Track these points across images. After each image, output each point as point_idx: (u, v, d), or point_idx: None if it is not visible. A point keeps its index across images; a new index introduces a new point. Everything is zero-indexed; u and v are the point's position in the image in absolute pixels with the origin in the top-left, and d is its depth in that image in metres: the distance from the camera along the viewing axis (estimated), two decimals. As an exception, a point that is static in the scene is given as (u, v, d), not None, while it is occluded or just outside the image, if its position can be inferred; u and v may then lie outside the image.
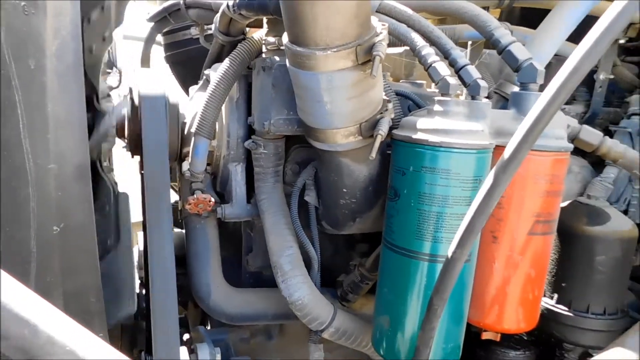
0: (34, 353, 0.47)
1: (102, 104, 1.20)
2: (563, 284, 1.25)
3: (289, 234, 1.25)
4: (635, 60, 1.79)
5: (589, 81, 1.65)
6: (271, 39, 1.14)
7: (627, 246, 1.24)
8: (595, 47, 0.69)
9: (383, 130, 1.00)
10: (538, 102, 0.73)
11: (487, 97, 1.03)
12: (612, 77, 1.66)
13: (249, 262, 1.46)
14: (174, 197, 1.53)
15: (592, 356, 1.20)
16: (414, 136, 0.98)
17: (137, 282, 1.73)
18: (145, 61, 2.00)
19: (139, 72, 1.36)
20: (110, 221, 1.21)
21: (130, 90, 1.34)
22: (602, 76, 1.64)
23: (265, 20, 1.16)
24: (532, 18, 1.47)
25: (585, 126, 1.17)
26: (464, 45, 1.35)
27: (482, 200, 0.78)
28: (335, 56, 0.88)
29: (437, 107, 1.00)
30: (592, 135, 1.16)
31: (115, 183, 1.27)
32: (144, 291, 1.64)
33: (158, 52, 2.05)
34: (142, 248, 1.69)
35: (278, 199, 1.29)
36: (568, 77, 0.70)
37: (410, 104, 1.28)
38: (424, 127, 0.99)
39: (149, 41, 1.95)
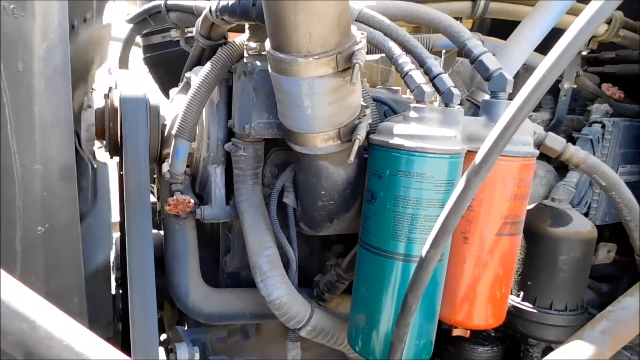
0: (33, 347, 0.49)
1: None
2: (529, 282, 1.31)
3: (268, 235, 1.27)
4: (596, 70, 1.88)
5: (554, 90, 1.74)
6: (253, 44, 1.17)
7: (587, 246, 1.31)
8: (560, 60, 0.74)
9: (361, 134, 1.04)
10: (508, 110, 0.78)
11: (459, 104, 1.08)
12: (575, 86, 1.75)
13: (226, 262, 1.48)
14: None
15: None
16: (391, 141, 1.02)
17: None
18: (123, 62, 1.99)
19: (119, 73, 1.36)
20: (86, 193, 1.21)
21: (110, 90, 1.34)
22: (566, 85, 1.72)
23: (247, 25, 1.18)
24: (501, 29, 1.54)
25: (551, 133, 1.23)
26: (438, 54, 1.41)
27: (454, 203, 0.82)
28: (316, 63, 0.91)
29: (412, 114, 1.04)
30: (556, 141, 1.22)
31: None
32: (120, 292, 1.63)
33: (136, 54, 2.05)
34: (119, 249, 1.68)
35: (257, 200, 1.32)
36: (535, 87, 0.75)
37: (387, 109, 1.32)
38: (400, 132, 1.03)
39: (128, 42, 1.94)
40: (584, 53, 1.90)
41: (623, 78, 1.78)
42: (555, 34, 0.96)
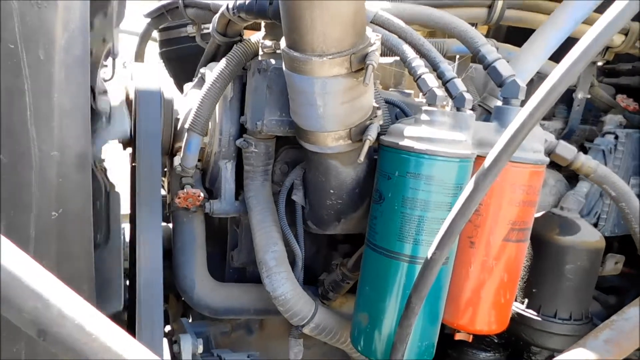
0: (46, 325, 0.51)
1: (98, 102, 1.21)
2: (534, 290, 1.31)
3: (275, 232, 1.29)
4: (612, 82, 1.87)
5: (567, 99, 1.73)
6: (268, 43, 1.18)
7: (594, 256, 1.31)
8: (572, 69, 0.74)
9: (372, 135, 1.04)
10: (518, 116, 0.78)
11: (471, 109, 1.08)
12: (589, 96, 1.74)
13: (233, 257, 1.49)
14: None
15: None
16: (401, 143, 1.03)
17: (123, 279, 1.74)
18: (139, 56, 2.01)
19: (134, 66, 1.38)
20: (101, 218, 1.23)
21: (126, 84, 1.36)
22: (580, 95, 1.71)
23: (263, 24, 1.19)
24: (517, 36, 1.54)
25: (562, 141, 1.23)
26: (452, 59, 1.41)
27: (462, 205, 0.83)
28: (330, 63, 0.92)
29: (423, 117, 1.05)
30: (567, 150, 1.22)
31: (111, 184, 1.29)
32: (127, 282, 1.65)
33: (152, 48, 2.07)
34: (128, 239, 1.70)
35: (266, 197, 1.33)
36: (547, 94, 0.76)
37: (398, 111, 1.33)
38: (411, 134, 1.03)
39: (145, 37, 1.97)
40: (600, 64, 1.89)
41: (639, 90, 1.77)
42: (571, 44, 0.96)
